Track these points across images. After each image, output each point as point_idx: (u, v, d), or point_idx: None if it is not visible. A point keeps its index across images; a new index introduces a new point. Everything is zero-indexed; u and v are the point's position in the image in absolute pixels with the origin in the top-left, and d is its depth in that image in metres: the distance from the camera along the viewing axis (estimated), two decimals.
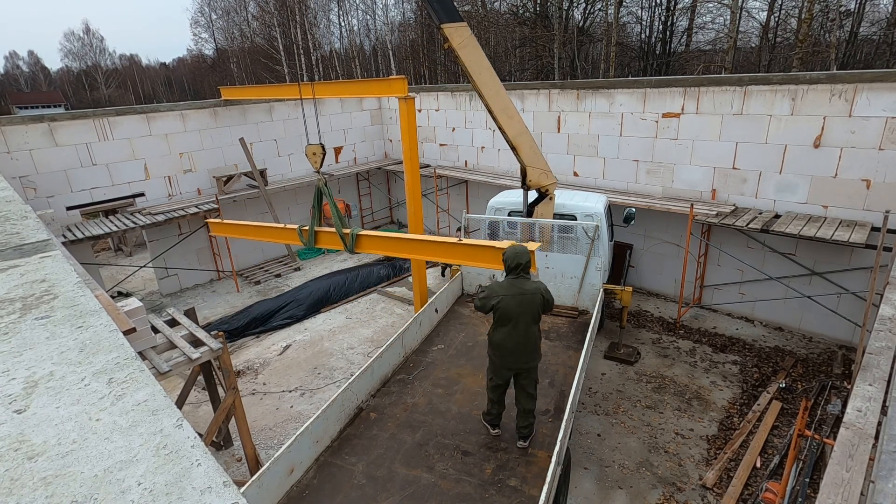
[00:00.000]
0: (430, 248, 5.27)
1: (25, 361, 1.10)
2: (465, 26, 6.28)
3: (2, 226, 2.20)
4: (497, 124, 6.84)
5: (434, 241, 5.15)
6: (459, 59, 6.33)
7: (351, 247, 5.55)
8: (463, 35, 6.22)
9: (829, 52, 20.43)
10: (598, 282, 7.25)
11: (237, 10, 43.62)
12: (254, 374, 8.12)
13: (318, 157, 5.80)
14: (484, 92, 6.54)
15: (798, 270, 8.23)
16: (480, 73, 6.48)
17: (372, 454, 4.77)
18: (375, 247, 5.66)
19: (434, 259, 5.53)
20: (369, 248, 5.67)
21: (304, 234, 5.88)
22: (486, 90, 6.53)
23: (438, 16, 6.08)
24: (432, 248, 5.25)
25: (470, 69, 6.38)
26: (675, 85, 8.86)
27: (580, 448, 6.13)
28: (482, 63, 6.52)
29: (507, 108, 6.76)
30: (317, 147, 5.80)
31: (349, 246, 5.54)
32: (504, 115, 6.72)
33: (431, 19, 6.31)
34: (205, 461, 0.77)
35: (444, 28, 6.11)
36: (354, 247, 5.58)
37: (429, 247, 5.28)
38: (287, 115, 12.58)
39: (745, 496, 5.39)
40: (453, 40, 6.17)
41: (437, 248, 5.18)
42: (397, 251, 5.67)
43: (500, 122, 6.74)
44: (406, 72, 33.84)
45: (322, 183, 5.86)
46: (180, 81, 68.45)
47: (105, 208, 10.60)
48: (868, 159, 7.24)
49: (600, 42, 26.52)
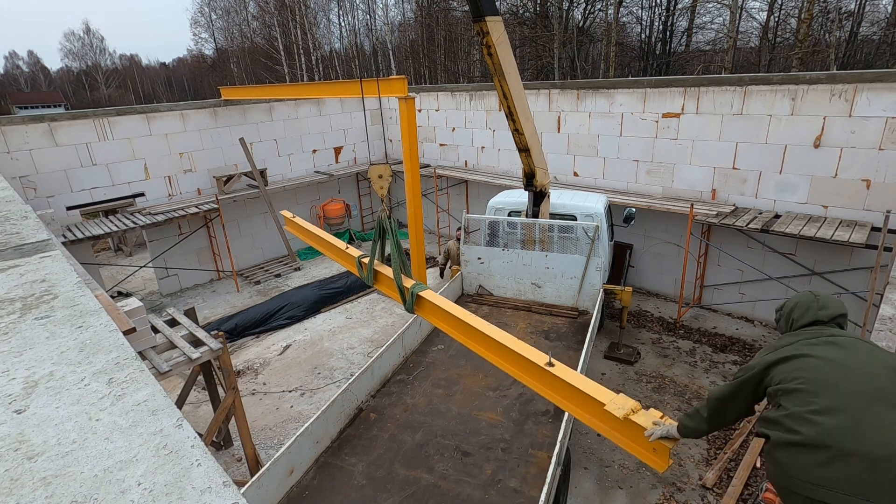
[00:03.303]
0: (512, 360, 3.59)
1: (25, 361, 1.10)
2: (502, 21, 6.00)
3: (2, 226, 2.20)
4: (514, 126, 6.63)
5: (519, 353, 3.47)
6: (495, 56, 6.02)
7: (410, 305, 4.34)
8: (500, 30, 5.95)
9: (829, 52, 20.44)
10: (598, 282, 7.26)
11: (237, 10, 43.63)
12: (254, 374, 8.12)
13: (384, 180, 4.67)
14: (512, 91, 6.30)
15: (798, 270, 8.23)
16: (510, 71, 6.20)
17: (372, 455, 4.76)
18: (438, 318, 4.21)
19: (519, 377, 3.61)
20: (431, 315, 4.30)
21: (363, 266, 4.88)
22: (513, 89, 6.31)
23: (482, 8, 5.70)
24: (515, 361, 3.56)
25: (504, 66, 6.10)
26: (675, 85, 8.86)
27: (580, 448, 6.13)
28: (512, 61, 6.26)
29: (525, 109, 6.61)
30: (384, 168, 4.61)
31: (408, 304, 4.35)
32: (523, 116, 6.57)
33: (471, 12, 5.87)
34: (205, 461, 0.77)
35: (487, 21, 5.75)
36: (414, 307, 4.35)
37: (511, 358, 3.59)
38: (287, 115, 12.58)
39: (745, 496, 5.39)
40: (494, 34, 5.86)
41: (520, 363, 3.52)
42: (466, 339, 3.96)
43: (520, 123, 6.55)
44: (406, 72, 33.84)
45: (385, 215, 4.58)
46: (180, 81, 68.44)
47: (105, 208, 10.59)
48: (868, 159, 7.24)
49: (600, 42, 26.51)
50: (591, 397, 3.07)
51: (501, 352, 3.63)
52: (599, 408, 3.03)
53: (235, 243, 11.87)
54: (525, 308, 7.61)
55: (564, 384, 3.23)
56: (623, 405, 2.93)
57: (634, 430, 2.88)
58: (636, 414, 2.88)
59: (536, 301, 7.72)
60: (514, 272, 7.76)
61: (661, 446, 2.75)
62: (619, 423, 2.93)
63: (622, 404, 2.94)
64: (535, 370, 3.39)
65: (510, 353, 3.55)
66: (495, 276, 7.92)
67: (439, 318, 4.17)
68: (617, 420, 2.92)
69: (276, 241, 12.55)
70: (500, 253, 7.76)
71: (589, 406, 3.13)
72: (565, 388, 3.24)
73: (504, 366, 3.63)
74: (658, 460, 2.81)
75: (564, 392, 3.26)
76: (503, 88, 6.27)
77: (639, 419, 2.85)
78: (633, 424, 2.87)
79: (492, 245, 7.92)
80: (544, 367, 3.29)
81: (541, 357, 3.37)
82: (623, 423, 2.90)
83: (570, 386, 3.19)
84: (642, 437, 2.83)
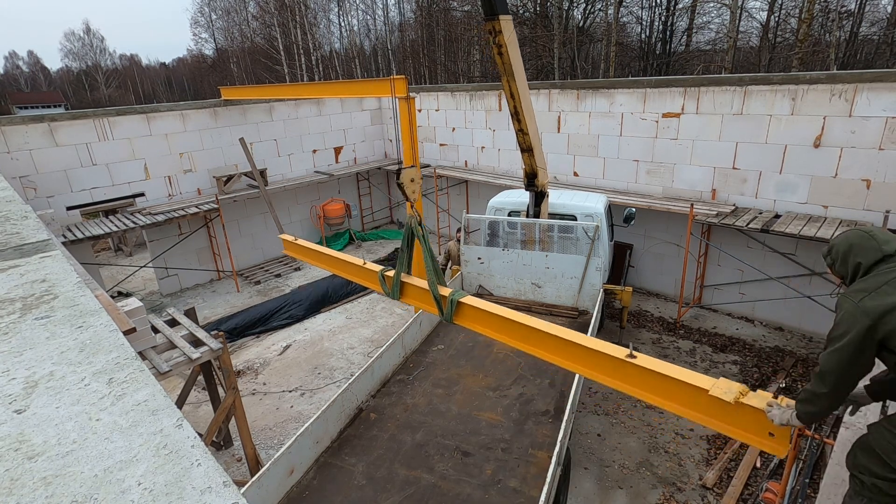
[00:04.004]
0: (583, 358, 3.28)
1: (25, 361, 1.10)
2: (512, 20, 6.01)
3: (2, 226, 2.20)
4: (518, 126, 6.61)
5: (594, 349, 3.17)
6: (505, 55, 6.01)
7: (449, 315, 4.01)
8: (510, 29, 5.94)
9: (829, 52, 20.44)
10: (598, 282, 7.25)
11: (237, 10, 43.62)
12: (254, 374, 8.12)
13: (416, 184, 4.49)
14: (520, 91, 6.29)
15: (798, 270, 8.23)
16: (518, 71, 6.19)
17: (372, 455, 4.76)
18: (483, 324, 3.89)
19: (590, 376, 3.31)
20: (475, 323, 3.96)
21: (387, 281, 4.52)
22: (521, 89, 6.30)
23: (496, 6, 5.69)
24: (587, 359, 3.26)
25: (513, 66, 6.09)
26: (675, 85, 8.86)
27: (580, 448, 6.13)
28: (520, 61, 6.25)
29: (530, 109, 6.61)
30: (415, 171, 4.46)
31: (446, 314, 4.02)
32: (529, 116, 6.60)
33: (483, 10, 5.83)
34: (205, 461, 0.77)
35: (501, 19, 5.75)
36: (453, 317, 4.02)
37: (581, 356, 3.28)
38: (287, 115, 12.58)
39: (745, 496, 5.39)
40: (505, 33, 5.85)
41: (593, 361, 3.23)
42: (521, 342, 3.63)
43: (526, 123, 6.56)
44: (406, 72, 33.83)
45: (416, 221, 4.37)
46: (180, 81, 68.44)
47: (105, 208, 10.60)
48: (868, 159, 7.24)
49: (600, 42, 26.52)
50: (691, 384, 2.79)
51: (569, 351, 3.32)
52: (701, 395, 2.74)
53: (235, 243, 11.87)
54: (525, 308, 7.61)
55: (652, 375, 2.95)
56: (729, 388, 2.66)
57: (746, 415, 2.62)
58: (746, 396, 2.61)
59: (536, 301, 7.72)
60: (514, 272, 7.76)
61: (780, 430, 2.53)
62: (726, 409, 2.65)
63: (728, 388, 2.66)
64: (614, 365, 3.10)
65: (581, 351, 3.25)
66: (495, 276, 7.92)
67: (485, 324, 3.87)
68: (723, 407, 2.65)
69: (276, 241, 12.50)
70: (500, 253, 7.76)
71: (686, 395, 2.85)
72: (653, 380, 2.96)
73: (572, 365, 3.32)
74: (777, 446, 2.58)
75: (652, 384, 2.98)
76: (511, 88, 6.26)
77: (752, 401, 2.58)
78: (745, 409, 2.59)
79: (492, 245, 7.91)
80: (625, 359, 3.02)
81: (619, 350, 3.09)
82: (733, 408, 2.62)
83: (660, 376, 2.91)
84: (755, 422, 2.58)
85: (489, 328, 3.86)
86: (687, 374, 2.86)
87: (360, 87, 9.95)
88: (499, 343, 6.61)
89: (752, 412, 2.57)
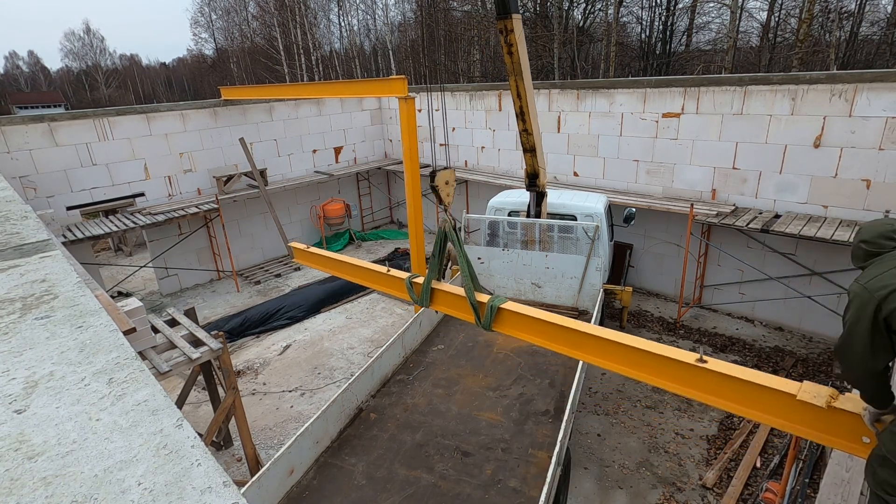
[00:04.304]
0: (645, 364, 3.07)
1: (25, 361, 1.10)
2: (521, 20, 6.06)
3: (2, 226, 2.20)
4: (523, 126, 6.62)
5: (658, 354, 2.99)
6: (515, 55, 6.05)
7: (487, 322, 3.77)
8: (520, 28, 5.99)
9: (829, 52, 20.44)
10: (599, 282, 7.26)
11: (237, 10, 43.62)
12: (254, 374, 8.12)
13: (451, 186, 4.34)
14: (527, 89, 6.32)
15: (798, 270, 8.23)
16: (526, 70, 6.23)
17: (372, 455, 4.77)
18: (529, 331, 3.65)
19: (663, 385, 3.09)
20: (517, 330, 3.72)
21: (414, 287, 4.30)
22: (528, 88, 6.33)
23: (509, 6, 5.76)
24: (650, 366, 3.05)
25: (522, 64, 6.14)
26: (675, 85, 8.86)
27: (580, 448, 6.13)
28: (527, 61, 6.30)
29: (534, 109, 6.66)
30: (450, 173, 4.31)
31: (484, 321, 3.78)
32: (533, 116, 6.61)
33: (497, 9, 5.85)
34: (205, 461, 0.77)
35: (513, 18, 5.83)
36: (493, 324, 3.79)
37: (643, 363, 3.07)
38: (287, 115, 12.58)
39: (745, 496, 5.39)
40: (517, 31, 5.92)
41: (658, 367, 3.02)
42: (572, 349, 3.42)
43: (531, 122, 6.58)
44: (406, 72, 33.83)
45: (450, 226, 4.19)
46: (180, 81, 68.43)
47: (105, 208, 10.60)
48: (868, 159, 7.24)
49: (600, 42, 26.52)
50: (775, 389, 2.60)
51: (630, 357, 3.11)
52: (786, 400, 2.56)
53: (235, 243, 11.87)
54: None
55: (727, 380, 2.74)
56: (818, 392, 2.50)
57: (838, 420, 2.46)
58: (837, 400, 2.46)
59: (536, 301, 7.72)
60: (514, 272, 7.76)
61: (874, 435, 2.39)
62: (816, 415, 2.50)
63: (816, 391, 2.50)
64: (683, 371, 2.90)
65: (644, 357, 3.05)
66: (495, 277, 7.92)
67: (530, 330, 3.65)
68: (813, 412, 2.50)
69: (276, 241, 12.55)
70: (500, 253, 7.76)
71: (768, 401, 2.64)
72: (729, 386, 2.75)
73: (635, 373, 3.11)
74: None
75: (727, 391, 2.77)
76: (519, 88, 6.28)
77: (846, 405, 2.43)
78: (838, 414, 2.44)
79: (492, 245, 7.91)
80: (695, 364, 2.83)
81: (687, 355, 2.90)
82: (824, 414, 2.47)
83: (737, 381, 2.71)
84: (849, 428, 2.44)
85: (534, 335, 3.62)
86: (767, 378, 2.66)
87: (360, 87, 9.96)
88: (499, 343, 6.64)
89: (846, 417, 2.43)
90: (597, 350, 3.26)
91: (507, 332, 3.80)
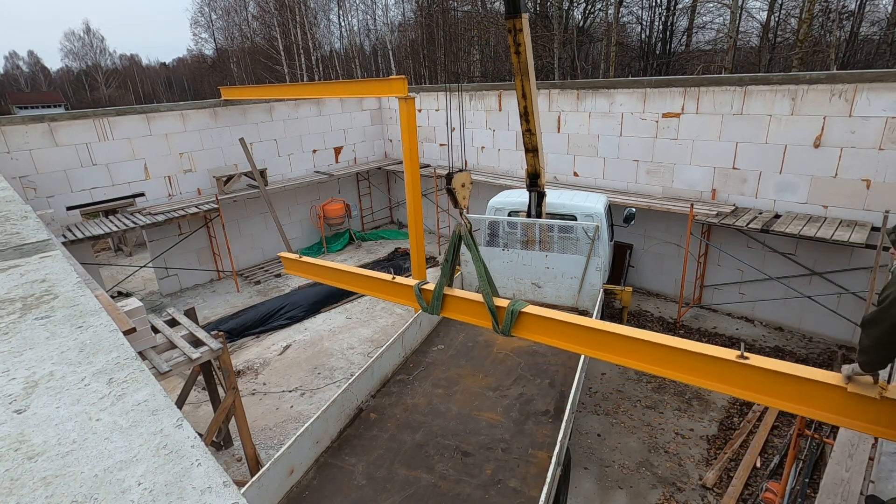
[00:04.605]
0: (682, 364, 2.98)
1: (25, 361, 1.10)
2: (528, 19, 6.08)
3: (2, 226, 2.20)
4: (527, 126, 6.64)
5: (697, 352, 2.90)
6: (523, 54, 6.08)
7: (507, 328, 3.64)
8: (527, 28, 6.02)
9: (829, 52, 20.43)
10: (598, 282, 7.26)
11: (237, 10, 43.62)
12: (254, 374, 8.12)
13: (467, 189, 4.28)
14: (533, 88, 6.33)
15: (798, 270, 8.23)
16: (532, 69, 6.26)
17: (372, 455, 4.77)
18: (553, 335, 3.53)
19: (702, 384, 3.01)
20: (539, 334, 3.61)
21: (424, 294, 4.15)
22: (533, 88, 6.35)
23: (518, 5, 5.77)
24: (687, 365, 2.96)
25: (528, 63, 6.18)
26: (675, 85, 8.86)
27: (580, 448, 6.13)
28: (532, 60, 6.33)
29: (537, 109, 6.69)
30: (466, 175, 4.26)
31: (503, 326, 3.66)
32: (537, 116, 6.63)
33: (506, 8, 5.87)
34: (205, 461, 0.77)
35: (523, 17, 5.87)
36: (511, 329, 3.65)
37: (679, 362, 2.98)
38: (287, 115, 12.58)
39: (745, 496, 5.39)
40: (525, 31, 5.94)
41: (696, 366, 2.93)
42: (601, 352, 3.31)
43: (534, 122, 6.59)
44: (406, 72, 33.82)
45: (467, 229, 4.15)
46: (180, 81, 68.44)
47: (105, 208, 10.60)
48: (868, 159, 7.24)
49: (600, 42, 26.52)
50: (823, 383, 2.54)
51: (667, 357, 3.01)
52: (836, 393, 2.51)
53: (235, 243, 11.87)
54: None
55: (771, 376, 2.67)
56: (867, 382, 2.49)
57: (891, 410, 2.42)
58: (888, 390, 2.44)
59: (536, 301, 7.72)
60: (514, 272, 7.76)
61: None
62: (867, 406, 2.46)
63: (865, 381, 2.49)
64: (724, 369, 2.82)
65: (682, 356, 2.96)
66: (495, 277, 7.89)
67: (554, 334, 3.53)
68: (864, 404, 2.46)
69: (276, 241, 12.55)
70: (500, 253, 7.76)
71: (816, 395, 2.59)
72: (773, 381, 2.69)
73: (673, 373, 3.01)
74: None
75: (772, 387, 2.70)
76: (524, 88, 6.29)
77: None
78: (891, 404, 2.42)
79: (492, 245, 7.91)
80: (736, 360, 2.76)
81: (726, 352, 2.83)
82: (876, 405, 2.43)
83: (781, 376, 2.65)
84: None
85: (557, 338, 3.51)
86: (814, 372, 2.60)
87: (360, 88, 9.95)
88: (499, 343, 6.64)
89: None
90: (627, 351, 3.17)
91: (528, 336, 3.69)
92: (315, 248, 13.49)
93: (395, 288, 4.40)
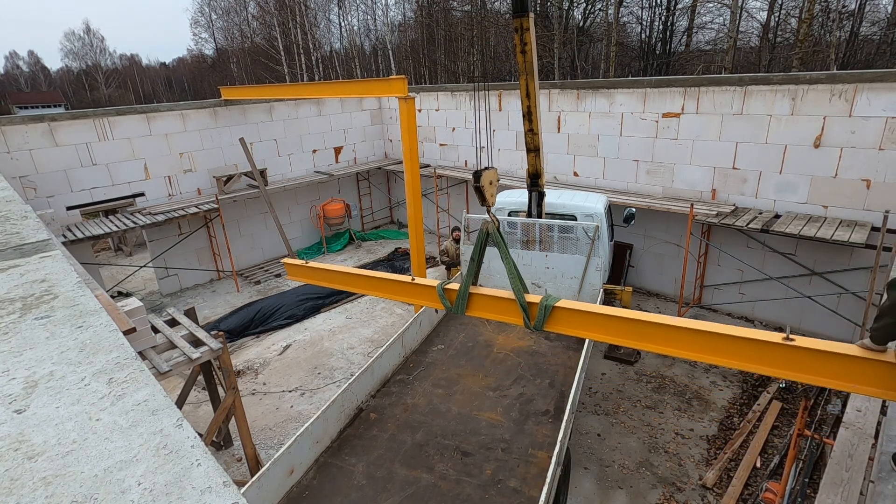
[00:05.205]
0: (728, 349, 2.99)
1: (25, 361, 1.10)
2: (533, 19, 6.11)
3: (2, 226, 2.20)
4: (529, 126, 6.64)
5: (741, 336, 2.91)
6: (528, 54, 6.07)
7: (540, 323, 3.58)
8: (533, 27, 6.02)
9: (829, 52, 20.43)
10: (599, 282, 7.25)
11: (237, 10, 43.60)
12: (254, 374, 8.12)
13: (494, 186, 4.23)
14: (537, 88, 6.34)
15: (798, 270, 8.23)
16: (536, 69, 6.25)
17: (372, 455, 4.77)
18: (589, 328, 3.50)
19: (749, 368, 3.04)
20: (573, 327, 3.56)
21: (448, 294, 4.04)
22: (537, 88, 6.35)
23: (525, 4, 5.82)
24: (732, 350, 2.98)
25: (534, 63, 6.17)
26: (675, 85, 8.86)
27: (580, 448, 6.13)
28: (537, 60, 6.34)
29: (540, 109, 6.70)
30: (493, 173, 4.19)
31: (536, 322, 3.59)
32: (538, 115, 6.64)
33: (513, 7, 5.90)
34: (205, 461, 0.77)
35: (530, 17, 5.90)
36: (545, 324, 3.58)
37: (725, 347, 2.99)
38: (287, 115, 12.58)
39: (745, 496, 5.39)
40: (531, 30, 5.95)
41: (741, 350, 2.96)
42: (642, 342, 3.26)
43: (536, 121, 6.62)
44: (406, 72, 33.82)
45: (495, 226, 4.09)
46: (180, 81, 68.43)
47: (105, 208, 10.60)
48: (868, 159, 7.24)
49: (600, 42, 26.52)
50: (872, 360, 2.55)
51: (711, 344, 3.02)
52: (888, 370, 2.51)
53: (235, 243, 11.87)
54: None
55: (818, 356, 2.73)
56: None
57: None
58: None
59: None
60: None
61: None
62: None
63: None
64: (770, 352, 2.86)
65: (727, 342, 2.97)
66: (495, 277, 7.91)
67: (590, 327, 3.48)
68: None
69: (276, 241, 12.55)
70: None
71: (866, 373, 2.61)
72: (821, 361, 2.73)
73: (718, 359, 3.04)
74: None
75: (821, 367, 2.74)
76: (529, 87, 6.29)
77: None
78: None
79: (492, 245, 7.90)
80: (782, 342, 2.79)
81: (771, 335, 2.85)
82: None
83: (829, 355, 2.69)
84: None
85: (594, 331, 3.49)
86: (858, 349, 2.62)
87: (360, 87, 9.95)
88: (499, 343, 6.64)
89: None
90: (670, 339, 3.15)
91: (562, 330, 3.64)
92: (315, 247, 13.50)
93: (417, 289, 4.32)
